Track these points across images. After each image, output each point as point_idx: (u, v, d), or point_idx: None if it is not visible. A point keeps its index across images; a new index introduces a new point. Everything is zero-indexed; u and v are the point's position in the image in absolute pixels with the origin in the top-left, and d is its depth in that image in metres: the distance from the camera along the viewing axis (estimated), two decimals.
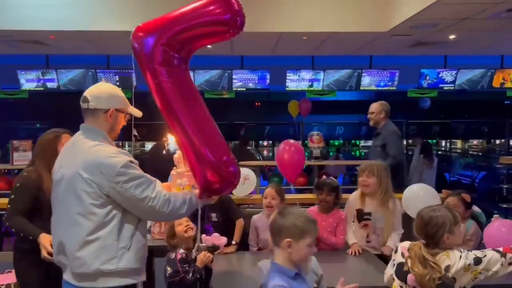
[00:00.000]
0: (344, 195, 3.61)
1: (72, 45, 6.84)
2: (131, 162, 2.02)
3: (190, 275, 2.65)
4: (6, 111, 11.93)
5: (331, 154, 13.17)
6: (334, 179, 4.03)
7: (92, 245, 1.94)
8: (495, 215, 3.21)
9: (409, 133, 12.30)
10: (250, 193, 4.44)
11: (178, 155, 2.47)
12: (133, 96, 2.37)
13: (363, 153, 14.15)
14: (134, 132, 2.50)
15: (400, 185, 4.05)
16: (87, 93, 2.11)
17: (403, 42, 6.58)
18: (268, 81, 8.57)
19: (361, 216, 3.26)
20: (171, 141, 2.44)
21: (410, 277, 2.10)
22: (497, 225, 2.97)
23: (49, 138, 2.77)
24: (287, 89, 8.68)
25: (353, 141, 15.49)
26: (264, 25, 5.76)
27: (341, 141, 15.23)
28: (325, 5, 5.78)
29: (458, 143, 13.10)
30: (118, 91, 2.18)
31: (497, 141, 13.65)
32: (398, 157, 4.81)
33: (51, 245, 2.33)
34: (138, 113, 2.23)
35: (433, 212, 2.13)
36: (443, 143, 12.31)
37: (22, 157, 6.05)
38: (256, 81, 8.61)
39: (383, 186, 3.26)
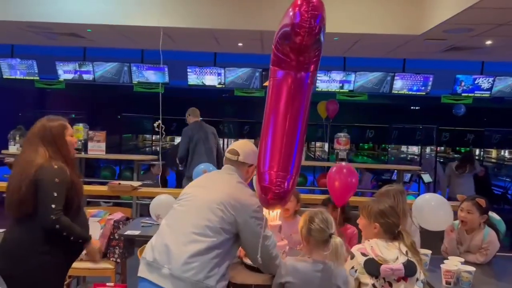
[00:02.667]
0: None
1: (107, 38, 7.04)
2: (260, 207, 2.28)
3: None
4: (43, 100, 12.40)
5: (359, 158, 13.06)
6: None
7: (204, 257, 2.12)
8: None
9: (441, 139, 12.04)
10: None
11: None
12: (165, 92, 2.46)
13: (392, 158, 13.96)
14: (158, 123, 2.59)
15: None
16: (237, 147, 2.49)
17: (436, 46, 6.44)
18: None
19: None
20: None
21: (383, 268, 2.18)
22: None
23: (58, 128, 2.55)
24: (317, 89, 8.62)
25: (383, 145, 15.28)
26: None
27: (371, 144, 15.06)
28: (357, 6, 5.74)
29: (493, 153, 12.71)
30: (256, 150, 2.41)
31: None
32: (179, 154, 5.67)
33: None
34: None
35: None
36: (477, 151, 11.97)
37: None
38: None
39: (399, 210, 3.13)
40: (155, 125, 2.65)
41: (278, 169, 2.03)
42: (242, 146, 2.51)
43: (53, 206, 2.35)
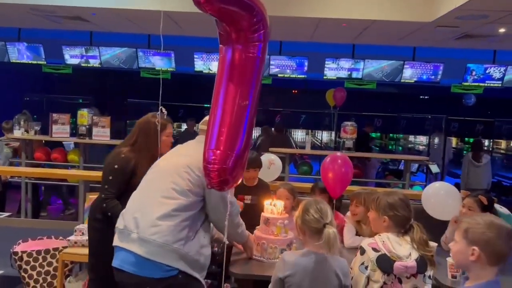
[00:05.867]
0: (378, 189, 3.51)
1: (112, 23, 6.97)
2: None
3: (217, 249, 2.71)
4: (50, 85, 12.39)
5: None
6: None
7: (172, 219, 2.11)
8: None
9: (450, 130, 11.88)
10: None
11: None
12: (171, 78, 2.42)
13: (400, 148, 13.83)
14: (162, 111, 2.55)
15: None
16: None
17: (448, 33, 6.29)
18: (306, 68, 8.43)
19: None
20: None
21: (397, 265, 2.11)
22: None
23: (156, 125, 2.77)
24: (324, 77, 8.51)
25: (391, 134, 15.13)
26: (302, 10, 5.66)
27: (379, 134, 14.91)
28: None
29: (502, 143, 12.54)
30: None
31: None
32: None
33: None
34: None
35: None
36: (486, 142, 11.81)
37: (60, 129, 6.28)
38: (294, 68, 8.49)
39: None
40: (161, 111, 2.62)
41: (224, 148, 1.98)
42: None
43: (106, 186, 2.71)
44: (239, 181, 2.10)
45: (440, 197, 3.15)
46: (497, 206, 3.25)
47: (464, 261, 1.68)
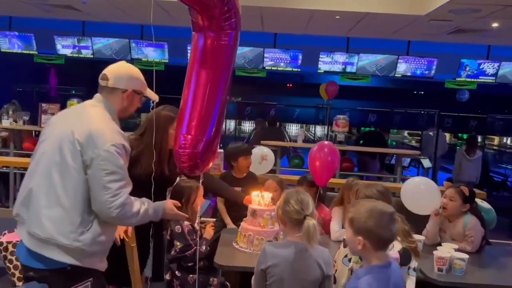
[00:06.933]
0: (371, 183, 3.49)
1: (103, 12, 6.88)
2: (125, 148, 1.98)
3: (204, 247, 2.65)
4: (41, 75, 12.27)
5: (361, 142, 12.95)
6: None
7: (56, 209, 1.88)
8: None
9: (444, 125, 11.88)
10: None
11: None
12: (165, 70, 2.39)
13: (394, 143, 13.81)
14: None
15: None
16: (107, 71, 2.11)
17: (441, 27, 6.26)
18: (300, 61, 8.39)
19: None
20: None
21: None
22: None
23: (166, 119, 2.69)
24: (319, 71, 8.47)
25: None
26: (295, 1, 5.62)
27: (373, 128, 14.89)
28: None
29: (495, 140, 12.58)
30: (138, 74, 2.18)
31: None
32: None
33: (125, 231, 2.46)
34: (155, 97, 2.25)
35: None
36: (479, 138, 11.84)
37: (49, 119, 6.20)
38: (288, 61, 8.44)
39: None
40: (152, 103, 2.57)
41: (194, 133, 1.98)
42: (114, 68, 2.12)
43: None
44: (209, 166, 2.07)
45: (419, 193, 3.16)
46: (478, 201, 3.24)
47: (354, 248, 1.78)
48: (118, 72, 2.12)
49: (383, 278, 1.72)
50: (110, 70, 2.11)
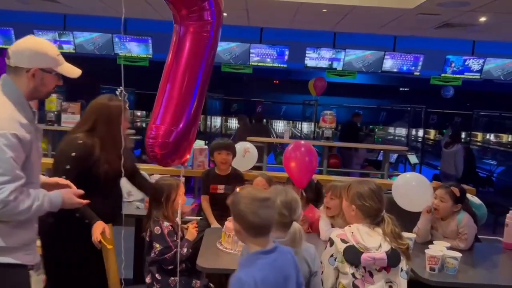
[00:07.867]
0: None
1: (85, 5, 6.69)
2: (17, 138, 1.73)
3: (185, 250, 2.52)
4: None
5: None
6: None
7: None
8: (511, 211, 3.05)
9: (428, 122, 11.94)
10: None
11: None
12: (149, 65, 2.24)
13: (380, 140, 13.82)
14: (120, 90, 2.33)
15: None
16: (11, 48, 1.83)
17: (429, 22, 6.23)
18: (286, 57, 8.30)
19: None
20: None
21: (364, 256, 2.03)
22: None
23: (118, 110, 2.35)
24: (305, 67, 8.39)
25: (371, 126, 15.14)
26: None
27: (360, 125, 14.92)
28: None
29: (478, 136, 12.69)
30: (46, 48, 1.87)
31: None
32: None
33: (102, 232, 2.30)
34: (72, 72, 1.96)
35: None
36: (463, 134, 11.94)
37: None
38: (275, 57, 8.34)
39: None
40: (117, 92, 2.36)
41: (168, 123, 1.95)
42: (16, 45, 1.84)
43: (63, 177, 2.24)
44: (184, 159, 2.00)
45: (410, 189, 3.08)
46: (469, 196, 3.20)
47: (237, 237, 1.81)
48: (19, 49, 1.82)
49: (266, 264, 1.67)
50: (13, 47, 1.83)
